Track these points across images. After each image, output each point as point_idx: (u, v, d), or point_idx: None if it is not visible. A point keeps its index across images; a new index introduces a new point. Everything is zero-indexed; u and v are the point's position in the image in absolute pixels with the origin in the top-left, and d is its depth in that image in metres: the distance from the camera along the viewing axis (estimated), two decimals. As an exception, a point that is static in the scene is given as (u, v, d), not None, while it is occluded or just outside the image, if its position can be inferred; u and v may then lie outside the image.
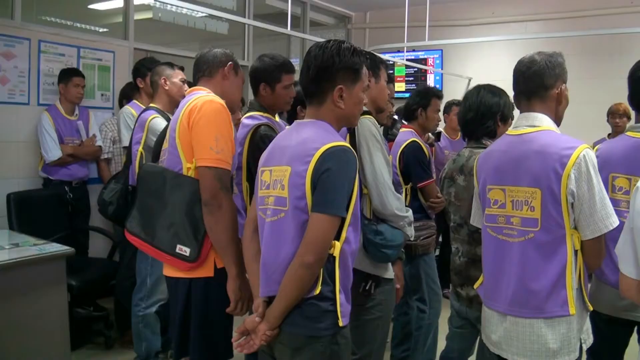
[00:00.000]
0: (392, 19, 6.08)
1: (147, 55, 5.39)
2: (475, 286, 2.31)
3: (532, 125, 2.09)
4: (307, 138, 1.93)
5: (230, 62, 2.53)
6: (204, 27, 6.40)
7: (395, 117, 4.16)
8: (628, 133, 2.45)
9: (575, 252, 1.99)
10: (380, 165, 2.44)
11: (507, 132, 2.19)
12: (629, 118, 5.32)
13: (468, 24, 7.21)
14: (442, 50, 7.33)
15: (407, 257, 3.60)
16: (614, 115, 5.44)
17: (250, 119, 2.80)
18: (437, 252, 4.43)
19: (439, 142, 5.05)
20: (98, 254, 4.77)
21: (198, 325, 2.35)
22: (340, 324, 1.91)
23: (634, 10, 6.33)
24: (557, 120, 2.15)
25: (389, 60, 7.02)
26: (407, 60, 6.96)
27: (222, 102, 2.35)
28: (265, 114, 2.82)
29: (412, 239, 2.64)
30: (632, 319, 2.38)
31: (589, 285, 2.58)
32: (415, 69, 7.27)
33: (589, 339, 2.09)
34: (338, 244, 1.88)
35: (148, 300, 3.58)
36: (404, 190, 3.61)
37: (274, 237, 1.95)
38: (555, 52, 2.14)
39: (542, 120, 2.09)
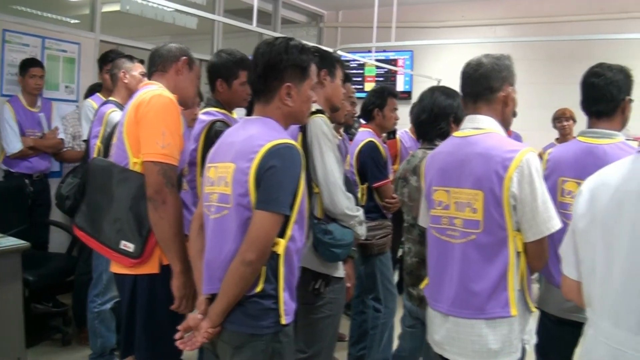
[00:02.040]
0: (365, 19, 6.10)
1: (116, 48, 5.32)
2: (421, 286, 2.32)
3: (477, 128, 2.10)
4: (253, 135, 1.92)
5: (184, 57, 2.51)
6: (172, 21, 6.34)
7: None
8: (579, 138, 2.48)
9: (518, 254, 2.01)
10: (331, 164, 2.44)
11: (453, 134, 2.20)
12: (574, 121, 5.40)
13: (438, 26, 7.26)
14: (412, 51, 7.37)
15: (363, 257, 3.62)
16: (560, 119, 5.50)
17: (206, 115, 2.78)
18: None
19: (391, 141, 5.01)
20: (59, 249, 4.69)
21: (143, 323, 2.32)
22: (283, 322, 1.90)
23: (603, 17, 6.44)
24: (504, 123, 2.16)
25: (357, 60, 7.05)
26: (377, 60, 6.98)
27: (172, 96, 2.33)
28: (222, 110, 2.81)
29: (362, 238, 2.64)
30: (578, 320, 2.41)
31: (539, 287, 2.62)
32: (386, 70, 7.29)
33: (531, 340, 2.11)
34: (282, 242, 1.88)
35: (103, 297, 3.55)
36: (360, 190, 3.63)
37: (217, 234, 1.94)
38: (502, 54, 2.16)
39: (487, 123, 2.10)
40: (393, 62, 7.48)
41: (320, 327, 2.58)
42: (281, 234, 1.88)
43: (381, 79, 7.64)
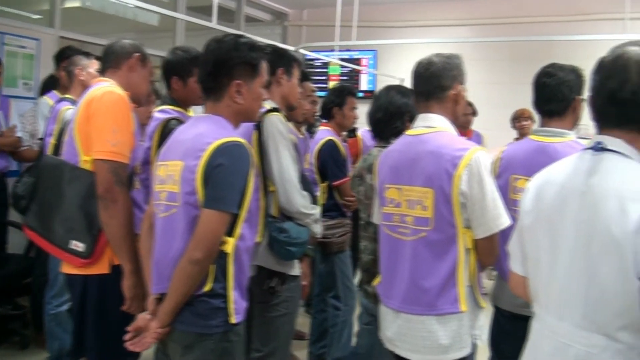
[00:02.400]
0: (329, 18, 6.11)
1: (77, 44, 5.23)
2: (374, 284, 2.34)
3: (429, 126, 2.12)
4: (201, 133, 1.91)
5: (137, 54, 2.48)
6: (134, 17, 6.27)
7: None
8: (531, 137, 2.51)
9: (467, 250, 2.04)
10: (286, 162, 2.44)
11: (405, 133, 2.22)
12: (533, 121, 5.47)
13: (402, 26, 7.31)
14: (376, 51, 7.41)
15: (323, 255, 3.64)
16: (519, 119, 5.58)
17: (161, 113, 2.75)
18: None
19: (352, 139, 5.01)
20: (18, 250, 4.58)
21: (94, 324, 2.29)
22: (232, 321, 1.89)
23: (564, 19, 6.56)
24: (455, 121, 2.19)
25: (320, 59, 7.06)
26: (340, 59, 7.00)
27: (123, 93, 2.30)
28: (177, 108, 2.78)
29: (319, 236, 2.65)
30: (531, 315, 2.45)
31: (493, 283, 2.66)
32: (349, 69, 7.32)
33: (482, 335, 2.15)
34: (232, 241, 1.88)
35: (60, 298, 3.49)
36: (320, 188, 3.64)
37: (165, 233, 1.93)
38: (452, 54, 2.19)
39: (439, 122, 2.12)
40: (357, 61, 7.51)
41: (276, 325, 2.58)
42: (230, 233, 1.88)
43: (345, 78, 7.66)
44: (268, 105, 2.52)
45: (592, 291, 1.40)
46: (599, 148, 1.47)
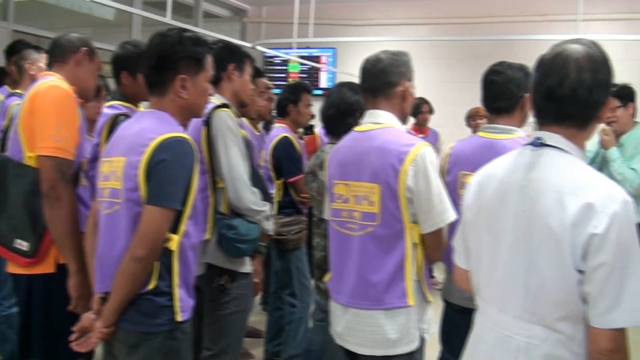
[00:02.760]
0: (289, 15, 6.11)
1: (31, 38, 5.10)
2: (324, 280, 2.34)
3: (376, 122, 2.14)
4: (145, 128, 1.88)
5: (84, 48, 2.43)
6: (89, 11, 6.15)
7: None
8: (479, 133, 2.56)
9: (415, 245, 2.06)
10: (236, 158, 2.42)
11: (354, 129, 2.23)
12: (488, 119, 5.53)
13: (362, 24, 7.34)
14: (335, 48, 7.43)
15: (278, 252, 3.63)
16: (474, 117, 5.65)
17: (110, 109, 2.69)
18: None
19: (309, 137, 5.02)
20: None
21: (40, 325, 2.24)
22: (178, 319, 1.87)
23: (520, 19, 6.68)
24: (403, 117, 2.21)
25: (279, 57, 7.04)
26: (300, 57, 6.99)
27: (69, 88, 2.26)
28: (127, 104, 2.73)
29: (270, 233, 2.63)
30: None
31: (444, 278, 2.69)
32: (309, 67, 7.32)
33: (430, 329, 2.17)
34: (176, 238, 1.86)
35: (11, 299, 3.39)
36: (275, 185, 3.63)
37: (108, 231, 1.90)
38: (400, 51, 2.20)
39: (386, 118, 2.14)
40: (316, 59, 7.51)
41: (227, 323, 2.55)
42: (175, 230, 1.86)
43: (305, 75, 7.66)
44: (218, 100, 2.50)
45: (531, 283, 1.44)
46: (538, 143, 1.50)
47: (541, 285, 1.42)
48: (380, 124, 2.13)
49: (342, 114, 2.68)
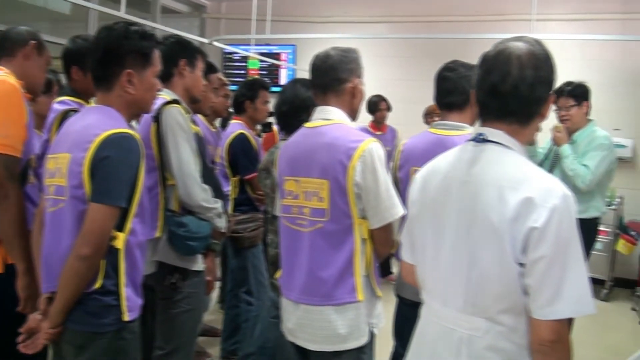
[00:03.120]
0: (248, 11, 6.06)
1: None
2: (276, 276, 2.34)
3: (326, 119, 2.14)
4: (89, 124, 1.85)
5: (33, 41, 2.38)
6: (44, 5, 6.01)
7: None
8: (430, 130, 2.59)
9: (363, 240, 2.07)
10: (186, 155, 2.39)
11: (304, 125, 2.23)
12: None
13: (321, 21, 7.33)
14: (295, 45, 7.40)
15: (235, 250, 3.61)
16: (432, 114, 5.71)
17: (60, 104, 2.64)
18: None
19: (268, 134, 5.00)
20: None
21: None
22: (126, 318, 1.85)
23: (478, 19, 6.76)
24: (353, 114, 2.22)
25: (237, 53, 6.99)
26: (260, 54, 6.95)
27: (16, 83, 2.20)
28: (77, 100, 2.67)
29: (223, 230, 2.61)
30: None
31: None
32: (269, 63, 7.29)
33: (379, 323, 2.18)
34: (122, 236, 1.83)
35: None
36: (231, 182, 3.60)
37: (54, 229, 1.87)
38: (350, 47, 2.21)
39: (336, 114, 2.14)
40: (276, 56, 7.48)
41: (179, 322, 2.53)
42: (121, 228, 1.83)
43: (264, 72, 7.61)
44: (168, 96, 2.47)
45: (473, 277, 1.46)
46: (480, 139, 1.52)
47: (483, 279, 1.44)
48: (330, 120, 2.13)
49: (296, 110, 2.67)
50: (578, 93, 3.85)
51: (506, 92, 1.46)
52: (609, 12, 6.37)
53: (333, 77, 2.14)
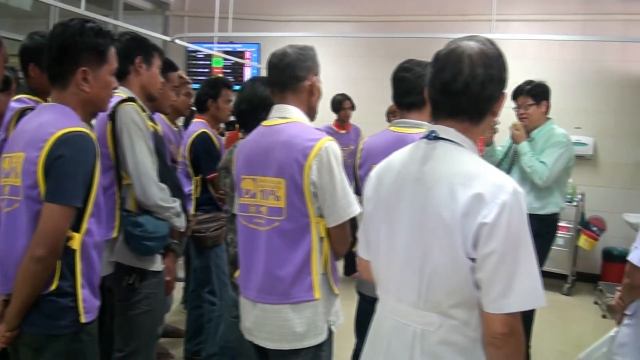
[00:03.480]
0: (211, 8, 6.01)
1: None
2: (235, 276, 2.33)
3: (283, 117, 2.14)
4: (44, 122, 1.83)
5: None
6: (6, 1, 5.86)
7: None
8: (390, 128, 2.60)
9: (321, 239, 2.07)
10: (142, 154, 2.36)
11: (262, 124, 2.22)
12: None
13: (285, 20, 7.31)
14: (259, 44, 7.37)
15: (197, 250, 3.58)
16: (394, 113, 5.74)
17: (17, 102, 2.58)
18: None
19: (232, 132, 4.97)
20: None
21: None
22: (83, 320, 1.83)
23: (440, 18, 6.82)
24: (311, 112, 2.22)
25: (201, 51, 6.94)
26: (224, 52, 6.91)
27: None
28: (35, 98, 2.61)
29: (182, 230, 2.59)
30: None
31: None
32: (233, 62, 7.24)
33: (338, 321, 2.19)
34: (78, 236, 1.81)
35: None
36: (194, 181, 3.57)
37: (9, 230, 1.84)
38: (307, 45, 2.21)
39: (293, 113, 2.14)
40: (241, 54, 7.44)
41: (138, 323, 2.50)
42: (76, 228, 1.81)
43: (228, 70, 7.57)
44: (124, 94, 2.43)
45: (425, 272, 1.47)
46: (432, 137, 1.53)
47: (435, 274, 1.46)
48: (287, 118, 2.13)
49: (255, 108, 2.65)
50: (537, 92, 3.89)
51: (457, 90, 1.47)
52: (570, 13, 6.49)
53: (290, 75, 2.13)
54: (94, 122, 2.32)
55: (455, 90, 1.47)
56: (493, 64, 1.48)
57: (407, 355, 1.50)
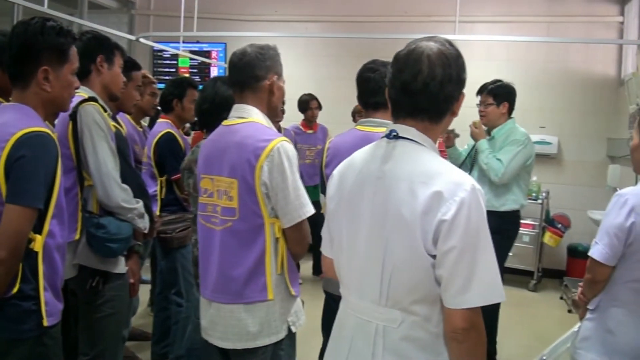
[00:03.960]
0: (177, 7, 5.95)
1: None
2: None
3: (241, 117, 2.14)
4: (4, 122, 1.79)
5: None
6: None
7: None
8: (357, 127, 2.61)
9: (276, 240, 2.07)
10: (104, 154, 2.33)
11: (222, 123, 2.21)
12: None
13: (252, 20, 7.29)
14: (225, 43, 7.33)
15: (163, 251, 3.54)
16: (360, 113, 5.76)
17: (-29, 104, 2.53)
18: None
19: (198, 132, 4.93)
20: None
21: None
22: (46, 323, 1.81)
23: (406, 19, 6.87)
24: (271, 112, 2.21)
25: (167, 51, 6.87)
26: (191, 52, 6.86)
27: None
28: None
29: (145, 231, 2.56)
30: None
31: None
32: (199, 61, 7.19)
33: (298, 321, 2.19)
34: (40, 238, 1.78)
35: None
36: (159, 182, 3.53)
37: None
38: (267, 44, 2.20)
39: (251, 112, 2.14)
40: (207, 54, 7.39)
41: (102, 326, 2.48)
42: (38, 230, 1.78)
43: (195, 70, 7.51)
44: (85, 94, 2.40)
45: (387, 270, 1.48)
46: (393, 136, 1.54)
47: (396, 271, 1.47)
48: (245, 118, 2.13)
49: (217, 108, 2.62)
50: (498, 93, 3.92)
51: (417, 90, 1.48)
52: (534, 15, 6.62)
53: (250, 74, 2.13)
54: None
55: (414, 90, 1.48)
56: (452, 64, 1.49)
57: (370, 352, 1.51)
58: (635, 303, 2.12)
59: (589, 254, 2.19)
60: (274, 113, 2.22)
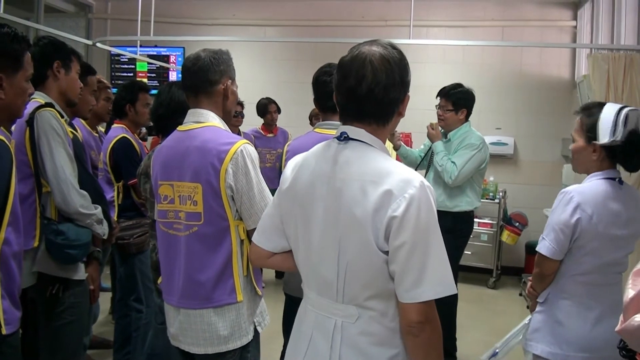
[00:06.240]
0: (135, 11, 5.87)
1: None
2: (158, 281, 2.31)
3: (198, 122, 2.14)
4: None
5: None
6: None
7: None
8: (315, 130, 2.64)
9: (242, 241, 2.09)
10: (61, 160, 2.32)
11: (177, 128, 2.21)
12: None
13: (210, 24, 7.27)
14: (183, 47, 7.29)
15: (121, 257, 3.51)
16: (317, 116, 5.80)
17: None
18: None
19: (156, 137, 4.90)
20: None
21: None
22: (4, 332, 1.79)
23: (363, 24, 6.95)
24: (226, 115, 2.22)
25: (125, 56, 6.80)
26: (149, 56, 6.80)
27: None
28: None
29: (104, 237, 2.55)
30: None
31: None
32: (157, 66, 7.13)
33: (263, 321, 2.22)
34: None
35: None
36: (115, 188, 3.50)
37: None
38: (221, 49, 2.21)
39: (207, 117, 2.15)
40: (165, 58, 7.34)
41: (63, 334, 2.46)
42: None
43: (153, 75, 7.45)
44: (42, 99, 2.38)
45: (342, 268, 1.52)
46: (343, 138, 1.57)
47: (350, 269, 1.51)
48: (201, 123, 2.13)
49: (172, 112, 2.61)
50: (457, 100, 4.00)
51: (362, 95, 1.52)
52: (489, 19, 6.76)
53: (203, 78, 2.14)
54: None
55: (360, 95, 1.52)
56: (395, 68, 1.53)
57: (328, 347, 1.55)
58: (582, 295, 2.21)
59: (537, 249, 2.27)
60: (228, 117, 2.24)
